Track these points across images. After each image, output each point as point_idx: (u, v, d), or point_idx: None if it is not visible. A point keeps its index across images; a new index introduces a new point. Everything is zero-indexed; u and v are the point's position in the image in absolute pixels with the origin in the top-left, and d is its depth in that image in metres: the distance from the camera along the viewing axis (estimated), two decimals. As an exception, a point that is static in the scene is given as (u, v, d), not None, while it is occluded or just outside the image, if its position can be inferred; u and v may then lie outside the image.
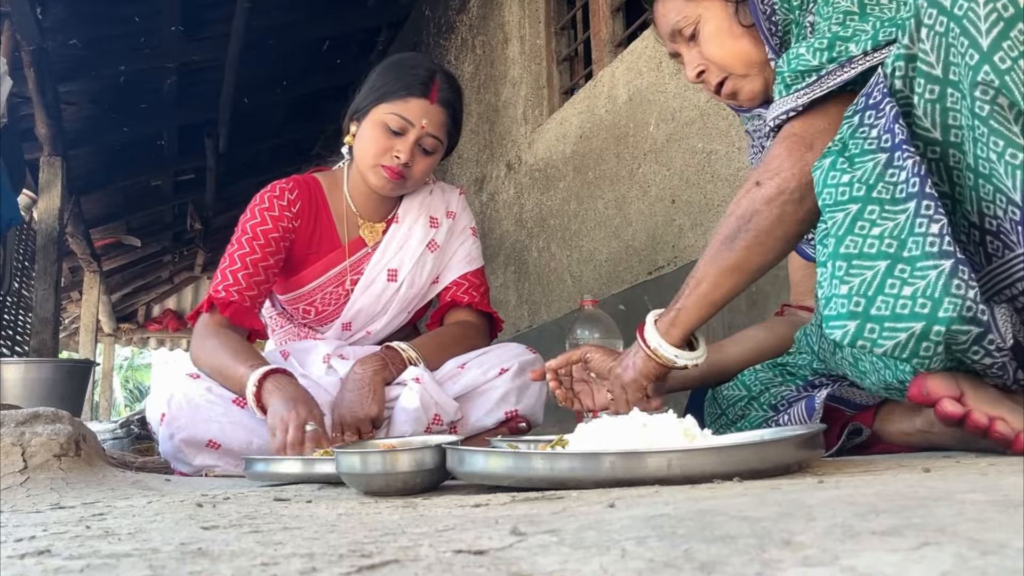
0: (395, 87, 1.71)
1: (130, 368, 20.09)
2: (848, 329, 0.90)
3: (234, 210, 8.45)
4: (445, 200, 1.94)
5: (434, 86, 1.72)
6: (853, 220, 0.91)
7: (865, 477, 0.78)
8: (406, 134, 1.70)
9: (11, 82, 3.42)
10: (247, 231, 1.73)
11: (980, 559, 0.37)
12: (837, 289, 0.91)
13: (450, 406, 1.65)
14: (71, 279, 7.74)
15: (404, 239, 1.86)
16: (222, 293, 1.67)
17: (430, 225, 1.88)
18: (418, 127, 1.70)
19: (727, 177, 2.30)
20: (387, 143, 1.71)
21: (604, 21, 3.15)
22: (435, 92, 1.72)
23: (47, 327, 4.35)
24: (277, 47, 5.08)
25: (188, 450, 1.58)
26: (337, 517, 0.76)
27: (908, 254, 0.87)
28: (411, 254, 1.85)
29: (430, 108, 1.71)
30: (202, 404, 1.58)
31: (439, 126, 1.73)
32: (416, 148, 1.71)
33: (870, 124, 0.94)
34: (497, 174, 3.98)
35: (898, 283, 0.87)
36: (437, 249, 1.88)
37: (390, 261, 1.84)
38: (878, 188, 0.91)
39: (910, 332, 0.86)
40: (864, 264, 0.90)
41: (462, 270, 1.91)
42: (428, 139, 1.72)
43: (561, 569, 0.44)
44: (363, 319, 1.86)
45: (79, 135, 5.00)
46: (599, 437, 0.95)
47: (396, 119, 1.69)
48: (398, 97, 1.70)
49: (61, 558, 0.55)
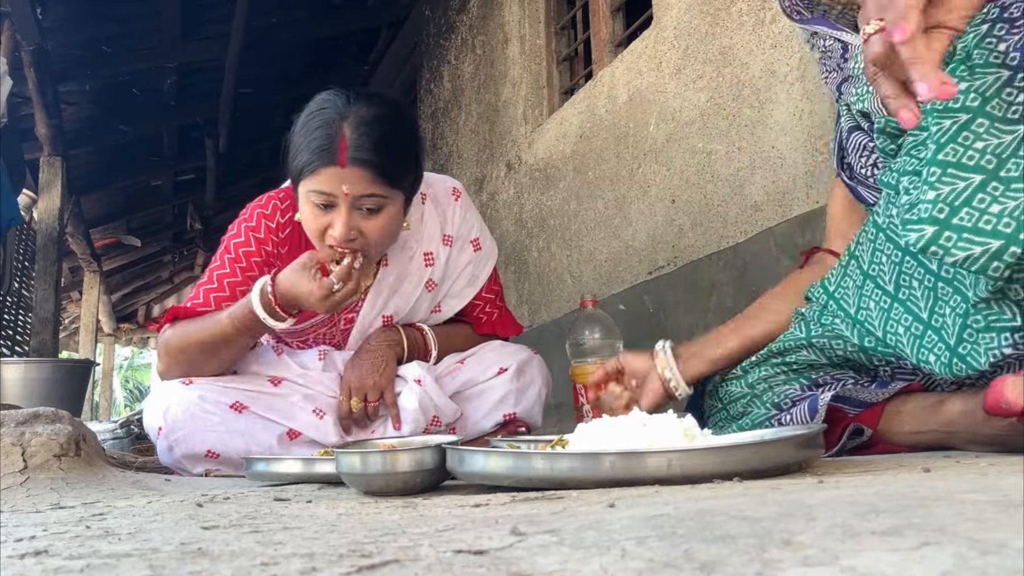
0: (303, 159, 1.49)
1: (130, 368, 20.10)
2: (925, 234, 0.91)
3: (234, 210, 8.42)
4: (440, 221, 1.75)
5: (340, 147, 1.45)
6: (960, 129, 0.91)
7: (865, 477, 0.78)
8: (336, 207, 1.48)
9: (11, 82, 3.42)
10: (229, 249, 1.63)
11: (980, 559, 0.37)
12: (925, 194, 0.92)
13: (449, 408, 1.64)
14: (71, 279, 7.74)
15: (397, 283, 1.71)
16: (188, 307, 1.60)
17: (425, 264, 1.72)
18: (342, 196, 1.46)
19: (727, 177, 2.30)
20: (323, 220, 1.49)
21: (604, 21, 3.15)
22: (342, 154, 1.45)
23: (47, 327, 4.35)
24: (277, 47, 5.08)
25: (188, 462, 1.58)
26: (337, 517, 0.76)
27: (1006, 174, 0.88)
28: (406, 299, 1.71)
29: (344, 173, 1.45)
30: (199, 415, 1.55)
31: (366, 184, 1.47)
32: (356, 214, 1.49)
33: (999, 37, 0.93)
34: (497, 174, 3.98)
35: (988, 199, 0.88)
36: (435, 287, 1.74)
37: (384, 307, 1.71)
38: (993, 103, 0.91)
39: (985, 248, 0.88)
40: (959, 174, 0.90)
41: (467, 297, 1.79)
42: (364, 200, 1.48)
43: (561, 569, 0.44)
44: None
45: (79, 135, 5.00)
46: (599, 437, 0.95)
47: (317, 195, 1.48)
48: (309, 171, 1.47)
49: (61, 558, 0.55)
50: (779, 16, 2.11)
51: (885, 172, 1.12)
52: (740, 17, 2.27)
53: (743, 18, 2.26)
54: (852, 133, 1.28)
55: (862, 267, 1.16)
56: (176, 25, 4.36)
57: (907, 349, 1.08)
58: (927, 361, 1.05)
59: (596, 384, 1.41)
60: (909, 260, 1.06)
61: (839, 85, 1.32)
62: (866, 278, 1.14)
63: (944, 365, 1.02)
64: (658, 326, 2.56)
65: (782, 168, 2.09)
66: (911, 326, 1.07)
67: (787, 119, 2.08)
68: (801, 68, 2.04)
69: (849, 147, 1.30)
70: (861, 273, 1.16)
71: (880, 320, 1.12)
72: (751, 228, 2.20)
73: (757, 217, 2.18)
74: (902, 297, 1.08)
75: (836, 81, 1.33)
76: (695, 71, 2.45)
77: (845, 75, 1.29)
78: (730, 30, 2.30)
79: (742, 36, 2.25)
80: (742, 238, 2.23)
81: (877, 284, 1.12)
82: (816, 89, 1.98)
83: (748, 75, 2.22)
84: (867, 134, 1.25)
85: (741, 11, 2.27)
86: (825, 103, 1.95)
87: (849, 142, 1.29)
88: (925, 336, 1.05)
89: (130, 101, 5.08)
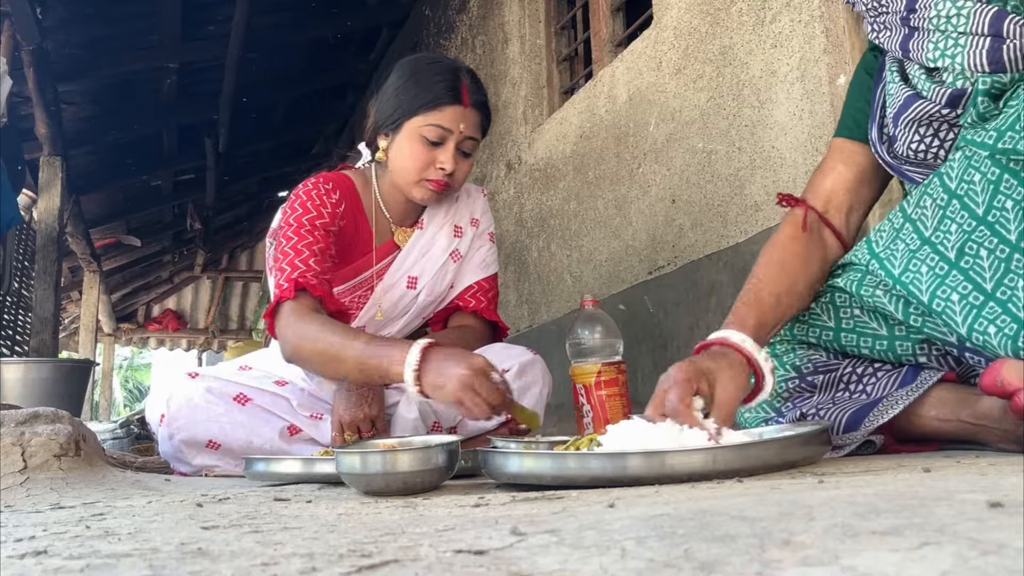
0: (425, 97, 1.65)
1: (130, 368, 20.09)
2: None
3: (234, 210, 8.46)
4: (470, 206, 1.90)
5: (463, 89, 1.67)
6: None
7: (865, 477, 0.78)
8: (446, 143, 1.66)
9: (11, 82, 3.42)
10: (302, 223, 1.62)
11: (980, 559, 0.37)
12: None
13: (449, 412, 1.65)
14: (71, 279, 7.74)
15: (427, 246, 1.82)
16: (307, 276, 1.53)
17: (454, 234, 1.85)
18: (456, 134, 1.65)
19: (727, 177, 2.30)
20: (428, 156, 1.66)
21: (604, 21, 3.15)
22: (466, 95, 1.67)
23: (47, 327, 4.35)
24: (277, 47, 5.07)
25: (188, 450, 1.58)
26: (337, 517, 0.76)
27: None
28: (433, 262, 1.82)
29: (465, 112, 1.66)
30: (201, 404, 1.58)
31: (476, 127, 1.69)
32: (457, 153, 1.68)
33: None
34: (497, 174, 3.98)
35: None
36: (460, 259, 1.85)
37: (411, 268, 1.81)
38: None
39: None
40: None
41: (476, 276, 1.87)
42: (467, 142, 1.68)
43: (561, 569, 0.44)
44: (377, 324, 1.81)
45: (79, 135, 4.99)
46: (639, 436, 0.96)
47: (434, 130, 1.64)
48: (431, 107, 1.64)
49: (61, 558, 0.55)
50: (779, 16, 2.11)
51: (977, 132, 1.04)
52: (740, 17, 2.27)
53: (743, 18, 2.26)
54: (913, 102, 1.15)
55: (922, 232, 1.08)
56: (176, 25, 4.36)
57: (957, 317, 1.00)
58: (984, 332, 0.96)
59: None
60: (982, 229, 1.00)
61: (900, 43, 1.18)
62: (924, 243, 1.07)
63: (1008, 338, 0.93)
64: (658, 326, 2.56)
65: (782, 168, 2.09)
66: (969, 294, 1.00)
67: (787, 119, 2.08)
68: (801, 68, 2.03)
69: (905, 119, 1.16)
70: (920, 238, 1.08)
71: (930, 284, 1.04)
72: (751, 228, 2.20)
73: (757, 217, 2.18)
74: (964, 265, 1.01)
75: (896, 39, 1.18)
76: (695, 71, 2.45)
77: (912, 27, 1.15)
78: (730, 30, 2.30)
79: (742, 36, 2.25)
80: (742, 238, 2.22)
81: (936, 250, 1.05)
82: (816, 89, 1.98)
83: (748, 75, 2.22)
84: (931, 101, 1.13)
85: (741, 11, 2.26)
86: (825, 103, 1.95)
87: (909, 112, 1.16)
88: (985, 307, 0.98)
89: (130, 101, 5.08)
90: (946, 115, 1.13)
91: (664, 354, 2.50)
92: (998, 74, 1.06)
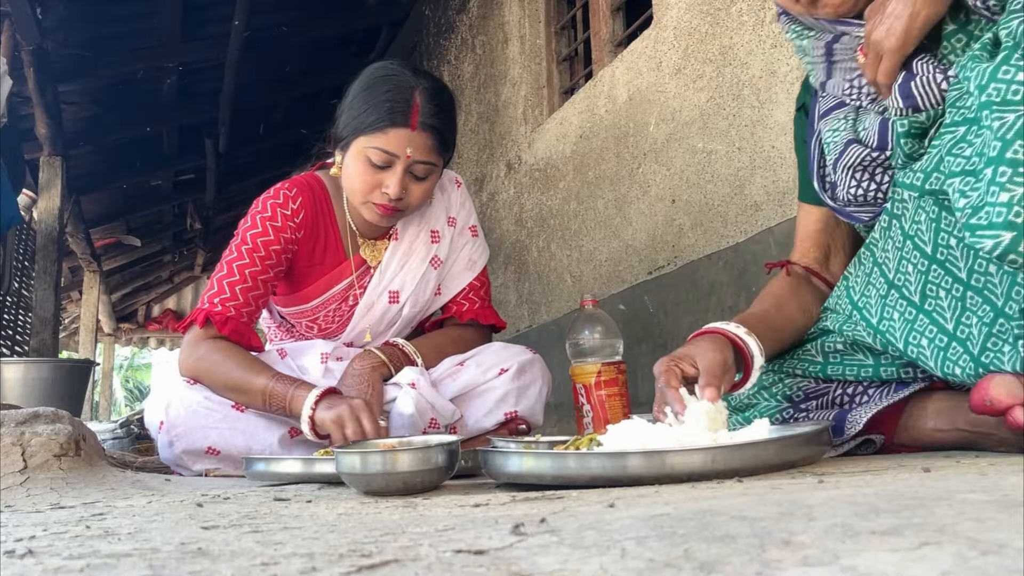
0: (371, 117, 1.56)
1: (130, 368, 20.09)
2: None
3: (234, 210, 8.45)
4: (445, 204, 1.82)
5: (413, 110, 1.55)
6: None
7: (865, 477, 0.78)
8: (392, 167, 1.57)
9: (11, 82, 3.41)
10: (246, 240, 1.64)
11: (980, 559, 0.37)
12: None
13: (446, 409, 1.64)
14: (71, 279, 7.74)
15: (405, 258, 1.76)
16: (219, 307, 1.59)
17: (432, 240, 1.78)
18: (403, 158, 1.56)
19: (727, 177, 2.30)
20: (373, 178, 1.58)
21: (604, 21, 3.15)
22: (415, 117, 1.55)
23: (47, 327, 4.35)
24: (277, 47, 5.07)
25: (188, 458, 1.58)
26: (337, 517, 0.76)
27: None
28: (413, 274, 1.76)
29: (412, 136, 1.55)
30: (200, 412, 1.57)
31: (426, 151, 1.58)
32: (407, 177, 1.58)
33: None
34: (497, 174, 3.98)
35: None
36: (440, 265, 1.80)
37: (391, 283, 1.76)
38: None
39: None
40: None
41: (466, 278, 1.83)
42: (417, 166, 1.58)
43: (561, 569, 0.44)
44: (367, 342, 1.79)
45: (79, 135, 4.99)
46: (638, 436, 0.97)
47: (378, 153, 1.55)
48: (376, 128, 1.55)
49: (61, 558, 0.55)
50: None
51: (906, 174, 1.05)
52: (740, 17, 2.27)
53: (743, 18, 2.26)
54: (849, 146, 1.17)
55: (887, 276, 1.11)
56: (176, 25, 4.36)
57: (930, 361, 1.04)
58: (953, 373, 1.01)
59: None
60: (936, 269, 1.02)
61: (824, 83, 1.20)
62: (891, 287, 1.09)
63: (972, 377, 0.97)
64: (658, 326, 2.56)
65: (782, 168, 2.09)
66: (935, 338, 1.03)
67: (787, 119, 2.08)
68: (801, 68, 2.03)
69: (842, 165, 1.18)
70: (886, 282, 1.11)
71: (903, 331, 1.07)
72: (751, 228, 2.20)
73: (757, 217, 2.18)
74: (928, 308, 1.03)
75: (821, 79, 1.21)
76: (695, 71, 2.45)
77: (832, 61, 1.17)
78: (730, 30, 2.30)
79: (742, 36, 2.25)
80: (742, 238, 2.22)
81: (902, 294, 1.08)
82: (816, 89, 1.99)
83: (748, 75, 2.22)
84: (865, 146, 1.15)
85: (741, 11, 2.26)
86: (825, 103, 1.95)
87: (845, 158, 1.18)
88: (950, 348, 1.01)
89: (130, 101, 5.08)
90: (876, 157, 1.14)
91: (664, 354, 2.50)
92: (916, 113, 1.04)
